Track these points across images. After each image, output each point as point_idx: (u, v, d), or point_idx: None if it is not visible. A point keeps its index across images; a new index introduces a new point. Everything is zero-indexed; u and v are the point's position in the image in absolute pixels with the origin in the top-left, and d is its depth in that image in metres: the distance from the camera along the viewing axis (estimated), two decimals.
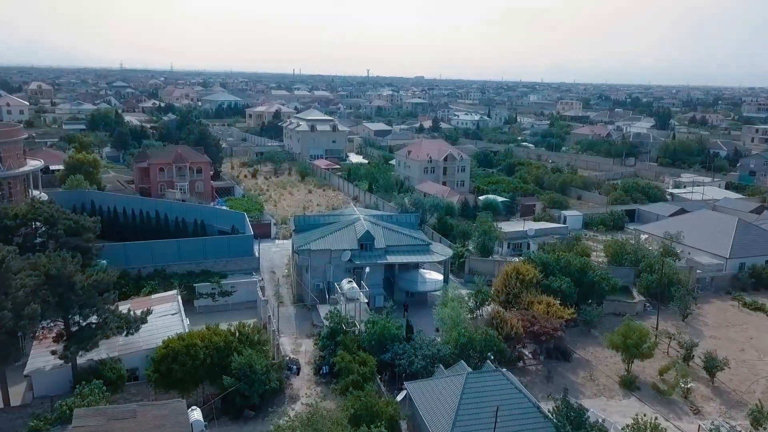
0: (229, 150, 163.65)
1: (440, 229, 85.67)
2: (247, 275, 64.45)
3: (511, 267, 61.04)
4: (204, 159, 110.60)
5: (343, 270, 62.01)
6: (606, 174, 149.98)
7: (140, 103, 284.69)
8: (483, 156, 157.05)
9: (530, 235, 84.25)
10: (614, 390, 49.83)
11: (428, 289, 64.68)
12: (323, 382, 48.84)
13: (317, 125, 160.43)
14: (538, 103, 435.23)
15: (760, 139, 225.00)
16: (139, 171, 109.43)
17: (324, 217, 70.16)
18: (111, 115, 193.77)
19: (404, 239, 65.16)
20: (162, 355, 43.10)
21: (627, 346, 50.00)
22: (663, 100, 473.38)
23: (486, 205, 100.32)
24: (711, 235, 79.17)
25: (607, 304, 63.64)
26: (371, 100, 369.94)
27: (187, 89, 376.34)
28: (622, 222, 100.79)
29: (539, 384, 50.16)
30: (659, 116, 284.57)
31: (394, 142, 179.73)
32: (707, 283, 72.50)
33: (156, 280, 60.94)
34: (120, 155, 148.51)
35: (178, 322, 49.29)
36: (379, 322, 49.19)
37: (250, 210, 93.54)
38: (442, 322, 53.10)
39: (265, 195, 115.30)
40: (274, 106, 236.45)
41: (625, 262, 72.10)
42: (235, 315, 60.33)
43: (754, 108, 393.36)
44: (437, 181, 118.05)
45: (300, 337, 56.82)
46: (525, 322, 52.16)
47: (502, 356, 49.04)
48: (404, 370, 46.17)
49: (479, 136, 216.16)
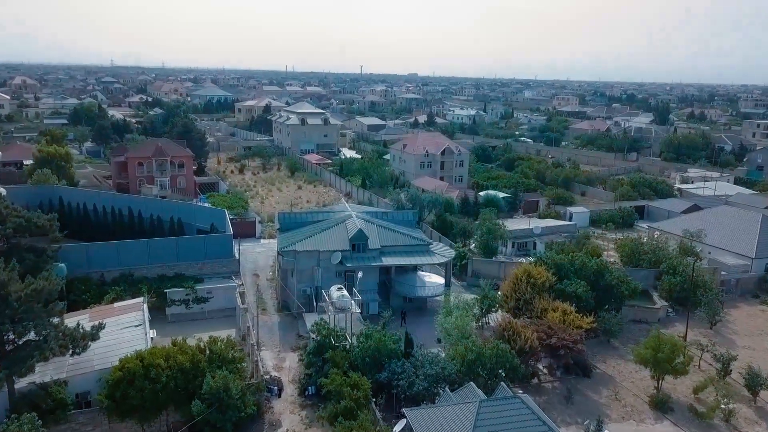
0: (216, 145, 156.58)
1: (439, 227, 79.15)
2: (225, 279, 57.71)
3: (522, 270, 54.55)
4: (186, 153, 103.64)
5: (332, 273, 55.36)
6: (609, 169, 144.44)
7: (127, 98, 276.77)
8: (481, 151, 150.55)
9: (536, 234, 77.86)
10: (644, 412, 43.46)
11: (428, 294, 58.16)
12: (309, 404, 42.24)
13: (308, 118, 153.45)
14: (534, 99, 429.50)
15: (762, 134, 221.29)
16: (117, 166, 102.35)
17: (312, 214, 63.34)
18: (94, 110, 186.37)
19: (401, 239, 58.56)
20: (117, 377, 36.45)
21: (658, 361, 43.66)
22: (658, 96, 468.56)
23: (487, 202, 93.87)
24: (733, 234, 73.00)
25: (626, 310, 57.32)
26: (364, 95, 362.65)
27: (176, 84, 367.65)
28: (631, 219, 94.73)
29: (558, 405, 43.73)
30: (658, 111, 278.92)
31: (388, 137, 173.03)
32: (732, 285, 66.33)
33: (122, 286, 54.02)
34: (101, 150, 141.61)
35: (140, 337, 42.52)
36: (374, 336, 42.64)
37: (234, 207, 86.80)
38: (446, 334, 46.66)
39: (252, 191, 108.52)
40: (264, 100, 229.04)
41: (643, 263, 65.77)
42: (212, 324, 53.84)
43: (751, 104, 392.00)
44: (434, 176, 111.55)
45: (284, 350, 50.15)
46: (540, 334, 45.73)
47: (515, 374, 42.60)
48: (403, 392, 39.65)
49: (476, 131, 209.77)
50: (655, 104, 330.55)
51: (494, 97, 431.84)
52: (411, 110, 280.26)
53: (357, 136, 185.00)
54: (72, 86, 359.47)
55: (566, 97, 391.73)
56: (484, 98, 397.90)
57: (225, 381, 36.71)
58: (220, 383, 36.54)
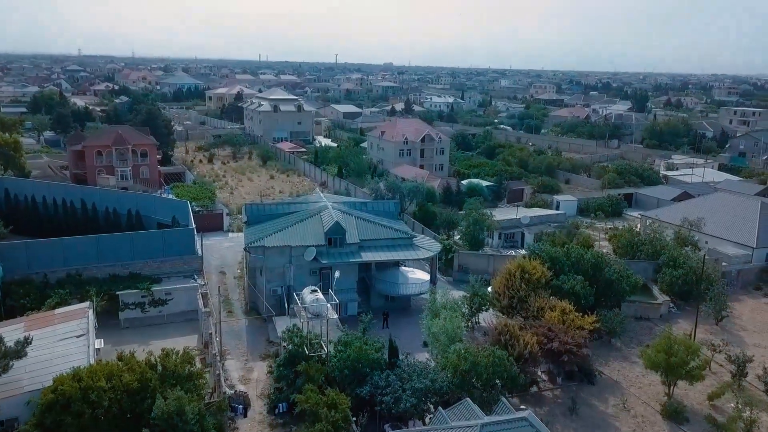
0: (185, 134, 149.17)
1: (421, 218, 74.03)
2: (187, 279, 51.78)
3: (515, 264, 49.61)
4: (149, 141, 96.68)
5: (306, 272, 49.81)
6: (591, 156, 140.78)
7: (93, 87, 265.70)
8: (461, 138, 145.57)
9: (525, 224, 73.18)
10: (656, 423, 38.91)
11: (412, 292, 52.94)
12: (279, 423, 36.83)
13: (281, 105, 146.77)
14: (510, 88, 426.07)
15: (739, 121, 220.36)
16: (74, 155, 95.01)
17: (283, 205, 57.44)
18: (55, 97, 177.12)
19: (382, 231, 53.15)
20: (49, 401, 30.65)
21: (671, 366, 39.12)
22: (632, 85, 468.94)
23: (470, 191, 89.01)
24: (732, 222, 69.09)
25: (625, 306, 52.82)
26: (340, 83, 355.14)
27: (144, 72, 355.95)
28: (620, 207, 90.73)
29: (561, 418, 38.96)
30: (636, 99, 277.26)
31: (365, 125, 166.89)
32: (733, 277, 62.36)
33: (68, 288, 47.80)
34: (61, 139, 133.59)
35: (81, 350, 36.59)
36: (354, 343, 37.30)
37: (200, 198, 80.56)
38: (434, 339, 41.53)
39: (221, 181, 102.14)
40: (236, 88, 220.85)
41: (641, 255, 61.40)
42: (172, 330, 48.18)
43: (725, 93, 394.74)
44: (414, 164, 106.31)
45: (252, 358, 44.56)
46: (540, 338, 40.87)
47: (514, 384, 37.68)
48: (388, 409, 34.44)
49: (454, 119, 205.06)
50: (632, 92, 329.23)
51: (471, 85, 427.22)
52: (387, 98, 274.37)
53: (332, 124, 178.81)
54: (35, 75, 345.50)
55: (543, 85, 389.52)
56: (461, 87, 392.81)
57: (179, 403, 31.07)
58: (172, 406, 30.90)
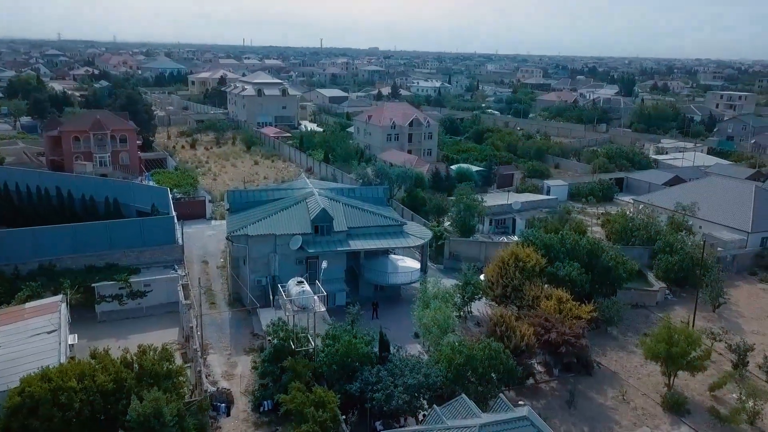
0: (167, 119, 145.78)
1: (410, 204, 72.15)
2: (167, 269, 49.53)
3: (508, 252, 47.91)
4: (128, 126, 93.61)
5: (292, 261, 47.79)
6: (580, 141, 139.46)
7: (72, 71, 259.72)
8: (449, 123, 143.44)
9: (516, 210, 71.54)
10: (657, 415, 37.54)
11: (402, 281, 51.13)
12: (265, 422, 34.97)
13: (265, 89, 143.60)
14: (497, 72, 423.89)
15: (725, 105, 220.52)
16: (50, 141, 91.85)
17: (267, 191, 55.15)
18: (32, 82, 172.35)
19: (371, 219, 51.15)
20: (15, 404, 28.52)
21: (672, 356, 37.70)
22: (618, 69, 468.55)
23: (460, 176, 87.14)
24: (726, 206, 67.91)
25: (621, 293, 51.30)
26: (325, 68, 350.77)
27: (125, 57, 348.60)
28: (611, 192, 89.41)
29: (559, 411, 37.45)
30: (623, 83, 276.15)
31: (351, 109, 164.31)
32: (728, 262, 61.20)
33: (40, 280, 45.46)
34: (38, 125, 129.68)
35: (52, 347, 34.39)
36: (343, 337, 35.43)
37: (182, 184, 78.05)
38: (425, 330, 39.80)
39: (204, 167, 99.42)
40: (219, 72, 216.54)
41: (635, 241, 60.02)
42: (151, 323, 46.06)
43: (710, 77, 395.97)
44: (402, 149, 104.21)
45: (236, 353, 42.59)
46: (537, 328, 39.26)
47: (511, 377, 36.05)
48: (379, 406, 32.67)
49: (441, 103, 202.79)
50: (619, 76, 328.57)
51: (457, 70, 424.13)
52: (373, 83, 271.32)
53: (318, 109, 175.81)
54: (13, 59, 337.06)
55: (530, 70, 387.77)
56: (448, 71, 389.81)
57: (156, 404, 29.02)
58: (149, 407, 28.88)
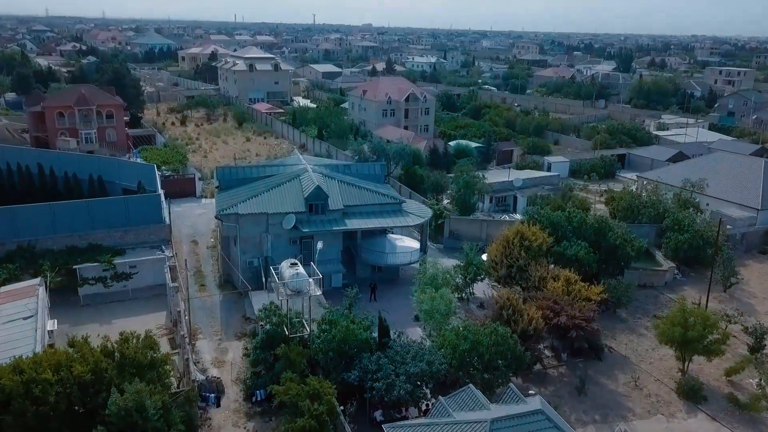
0: (156, 95, 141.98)
1: (408, 181, 69.67)
2: (153, 250, 47.03)
3: (513, 231, 45.64)
4: (115, 101, 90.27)
5: (285, 241, 45.36)
6: (579, 117, 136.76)
7: (59, 47, 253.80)
8: (445, 98, 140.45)
9: (518, 187, 69.16)
10: (672, 402, 35.61)
11: (401, 261, 48.82)
12: (258, 412, 32.83)
13: (257, 64, 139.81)
14: (492, 49, 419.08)
15: (724, 81, 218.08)
16: (34, 117, 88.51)
17: (259, 168, 52.43)
18: (17, 57, 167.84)
19: (369, 196, 48.63)
20: None
21: (688, 340, 35.68)
22: (614, 46, 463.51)
23: (458, 152, 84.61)
24: (735, 183, 65.71)
25: (628, 274, 49.30)
26: (318, 44, 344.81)
27: (114, 32, 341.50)
28: (614, 168, 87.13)
29: (568, 399, 35.48)
30: (621, 59, 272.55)
31: (345, 85, 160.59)
32: (737, 240, 59.19)
33: (18, 262, 42.93)
34: (23, 101, 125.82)
35: (29, 334, 32.02)
36: (340, 322, 33.16)
37: (171, 162, 75.21)
38: (427, 315, 37.62)
39: (194, 144, 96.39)
40: (210, 47, 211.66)
41: (642, 219, 57.82)
42: (137, 306, 43.76)
43: (707, 53, 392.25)
44: (398, 125, 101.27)
45: (227, 338, 40.35)
46: (545, 311, 37.12)
47: (518, 364, 33.97)
48: (380, 396, 30.55)
49: (437, 79, 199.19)
50: (616, 52, 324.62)
51: (452, 46, 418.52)
52: (368, 58, 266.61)
53: (311, 85, 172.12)
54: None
55: (526, 46, 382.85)
56: (442, 47, 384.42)
57: (138, 397, 26.78)
58: (131, 401, 26.63)
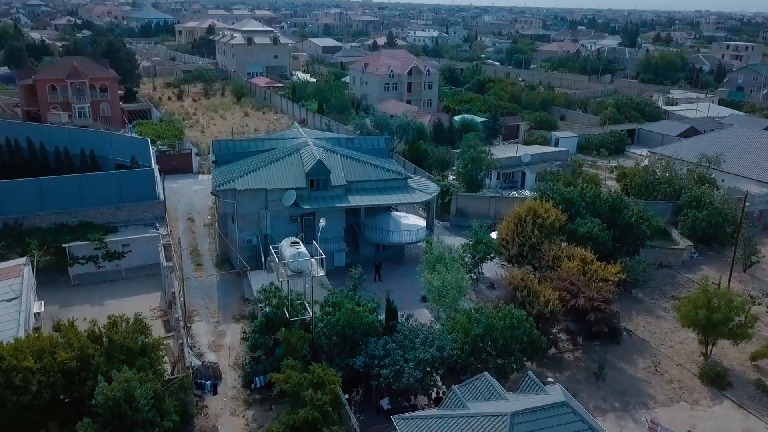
0: (153, 70, 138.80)
1: (412, 157, 67.31)
2: (147, 228, 44.84)
3: (525, 207, 43.40)
4: (109, 75, 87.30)
5: (285, 219, 43.18)
6: (585, 92, 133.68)
7: (54, 21, 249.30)
8: (449, 73, 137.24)
9: (526, 162, 66.74)
10: (695, 389, 33.71)
11: (406, 240, 46.66)
12: (257, 400, 30.93)
13: (255, 37, 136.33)
14: (494, 24, 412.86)
15: (731, 55, 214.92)
16: (25, 90, 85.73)
17: (257, 142, 49.94)
18: (9, 31, 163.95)
19: (373, 172, 46.30)
20: None
21: (713, 323, 33.66)
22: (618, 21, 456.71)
23: (463, 127, 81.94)
24: (751, 158, 63.44)
25: (644, 252, 47.22)
26: (318, 18, 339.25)
27: (110, 6, 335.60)
28: (624, 144, 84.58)
29: (586, 385, 33.57)
30: (626, 34, 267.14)
31: (346, 59, 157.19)
32: (755, 218, 56.95)
33: (4, 241, 40.77)
34: (15, 75, 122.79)
35: (12, 317, 29.97)
36: (344, 305, 31.09)
37: (166, 136, 72.71)
38: (437, 295, 35.54)
39: (192, 119, 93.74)
40: (207, 21, 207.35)
41: (657, 195, 55.54)
42: (130, 286, 41.72)
43: (712, 28, 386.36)
44: (401, 99, 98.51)
45: (224, 320, 38.37)
46: (562, 293, 35.05)
47: (534, 349, 31.98)
48: (387, 384, 28.60)
49: (440, 54, 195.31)
50: (621, 27, 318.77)
51: (453, 21, 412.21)
52: (368, 33, 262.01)
53: (311, 59, 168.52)
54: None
55: (528, 21, 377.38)
56: (444, 22, 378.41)
57: (127, 386, 24.77)
58: (118, 390, 24.63)
